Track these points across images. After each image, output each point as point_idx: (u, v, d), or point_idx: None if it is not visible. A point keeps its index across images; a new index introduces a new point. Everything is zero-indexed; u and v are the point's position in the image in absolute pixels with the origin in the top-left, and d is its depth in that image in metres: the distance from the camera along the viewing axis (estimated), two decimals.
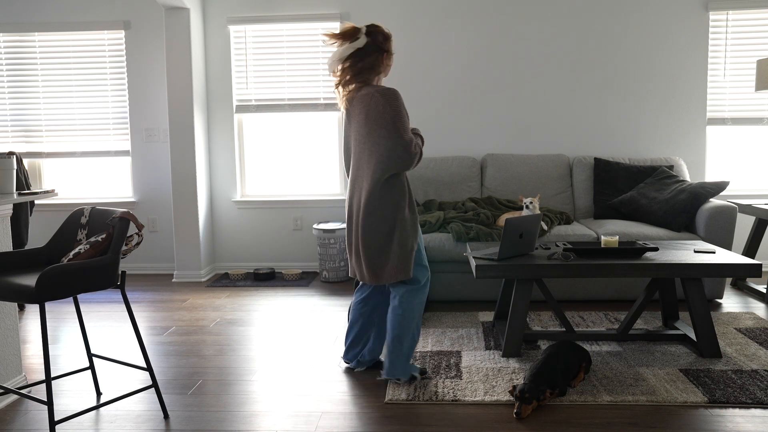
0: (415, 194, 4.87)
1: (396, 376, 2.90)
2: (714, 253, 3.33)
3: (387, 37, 2.81)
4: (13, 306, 2.86)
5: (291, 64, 5.34)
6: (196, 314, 4.19)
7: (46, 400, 2.24)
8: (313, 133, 5.44)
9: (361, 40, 2.75)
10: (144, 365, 2.98)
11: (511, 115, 5.22)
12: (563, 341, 2.94)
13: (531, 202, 4.23)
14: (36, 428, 2.54)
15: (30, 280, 2.30)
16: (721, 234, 4.09)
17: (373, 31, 2.79)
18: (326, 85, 5.34)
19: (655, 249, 3.19)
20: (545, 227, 4.19)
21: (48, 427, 2.54)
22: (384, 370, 2.92)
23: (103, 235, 2.46)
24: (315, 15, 5.23)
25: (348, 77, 2.79)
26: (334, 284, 4.97)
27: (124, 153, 5.50)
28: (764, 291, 4.27)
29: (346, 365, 3.15)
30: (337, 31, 2.80)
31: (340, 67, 2.80)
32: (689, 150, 5.16)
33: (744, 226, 5.22)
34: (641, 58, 5.11)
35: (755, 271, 3.08)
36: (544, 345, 3.37)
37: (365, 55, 2.77)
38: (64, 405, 2.76)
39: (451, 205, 4.63)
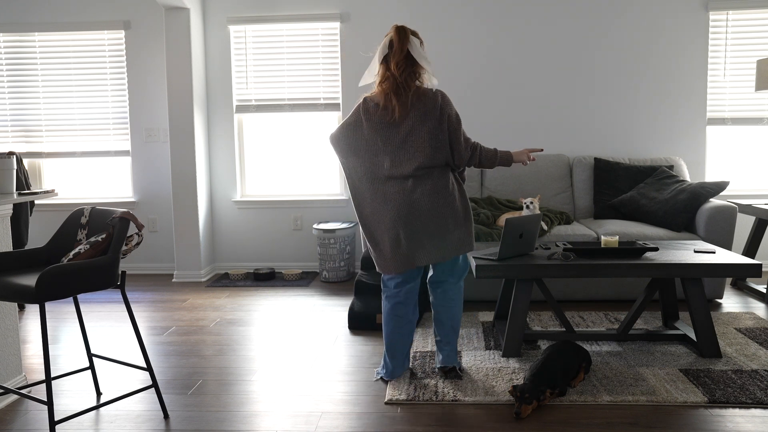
0: None
1: (455, 363, 2.96)
2: (714, 253, 3.33)
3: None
4: (13, 306, 2.86)
5: (291, 64, 5.34)
6: (196, 314, 4.19)
7: (46, 400, 2.24)
8: (314, 133, 5.44)
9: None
10: (144, 365, 2.98)
11: (511, 115, 5.22)
12: (563, 341, 2.94)
13: (531, 202, 4.23)
14: (36, 428, 2.54)
15: (30, 280, 2.30)
16: (721, 234, 4.09)
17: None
18: (326, 85, 5.34)
19: (655, 249, 3.19)
20: (545, 227, 4.19)
21: (48, 427, 2.54)
22: (446, 360, 2.95)
23: (103, 235, 2.46)
24: (315, 15, 5.23)
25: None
26: (334, 284, 4.97)
27: (124, 153, 5.50)
28: (764, 291, 4.27)
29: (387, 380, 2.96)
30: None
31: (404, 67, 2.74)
32: (689, 150, 5.16)
33: (744, 226, 5.22)
34: (641, 58, 5.11)
35: (755, 271, 3.08)
36: (544, 345, 3.37)
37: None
38: (64, 405, 2.76)
39: None
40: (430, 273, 2.97)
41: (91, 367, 2.82)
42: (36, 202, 5.43)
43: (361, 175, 2.80)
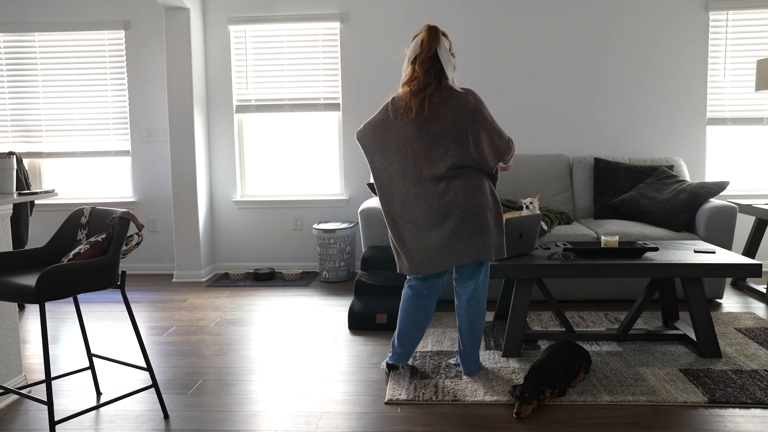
0: None
1: (477, 371, 2.97)
2: (714, 253, 3.33)
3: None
4: (13, 306, 2.86)
5: (291, 64, 5.34)
6: (196, 314, 4.19)
7: (46, 400, 2.24)
8: (313, 133, 5.44)
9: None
10: (144, 365, 2.98)
11: (511, 115, 5.22)
12: (563, 341, 2.94)
13: (531, 203, 4.22)
14: (36, 428, 2.54)
15: (30, 280, 2.30)
16: (721, 234, 4.09)
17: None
18: (326, 85, 5.34)
19: (655, 249, 3.19)
20: (545, 227, 4.19)
21: (48, 427, 2.54)
22: (469, 371, 2.95)
23: (103, 235, 2.46)
24: (315, 15, 5.23)
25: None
26: (334, 284, 4.97)
27: (124, 153, 5.50)
28: (764, 291, 4.27)
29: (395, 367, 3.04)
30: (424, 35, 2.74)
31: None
32: (689, 150, 5.16)
33: (744, 226, 5.22)
34: (641, 58, 5.11)
35: (755, 271, 3.08)
36: (544, 345, 3.37)
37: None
38: (64, 405, 2.76)
39: None
40: (455, 276, 2.93)
41: (91, 367, 2.82)
42: (36, 202, 5.43)
43: (392, 174, 2.78)
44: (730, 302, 4.21)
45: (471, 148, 2.71)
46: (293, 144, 5.46)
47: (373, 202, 4.48)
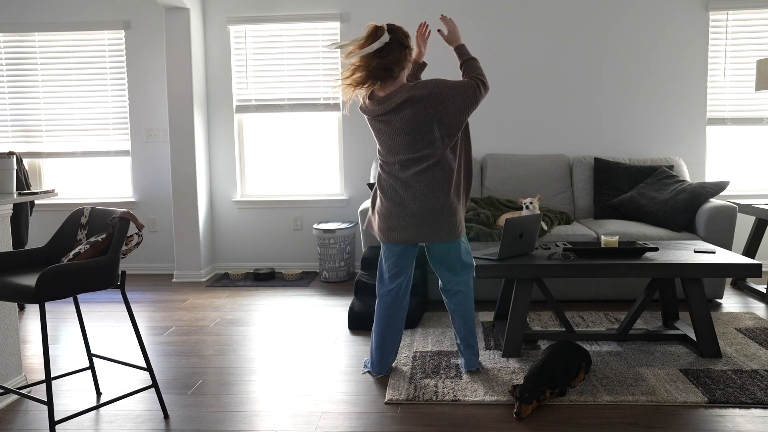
0: None
1: (477, 366, 3.01)
2: (714, 253, 3.33)
3: (406, 35, 2.85)
4: (13, 306, 2.86)
5: (291, 64, 5.34)
6: (196, 314, 4.19)
7: (46, 400, 2.24)
8: (313, 133, 5.44)
9: (385, 37, 2.76)
10: (144, 365, 2.98)
11: (511, 115, 5.22)
12: (563, 341, 2.94)
13: (531, 203, 4.23)
14: (36, 428, 2.54)
15: (30, 280, 2.30)
16: (721, 234, 4.09)
17: (394, 28, 2.81)
18: (326, 85, 5.34)
19: (655, 249, 3.19)
20: (545, 227, 4.19)
21: (48, 427, 2.54)
22: (468, 364, 3.00)
23: (103, 235, 2.46)
24: (315, 15, 5.23)
25: (367, 74, 2.82)
26: (334, 284, 4.97)
27: (124, 153, 5.50)
28: (764, 291, 4.27)
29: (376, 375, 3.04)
30: (362, 38, 2.81)
31: (356, 66, 2.82)
32: (689, 150, 5.16)
33: (744, 226, 5.22)
34: (641, 58, 5.11)
35: (755, 271, 3.08)
36: (544, 345, 3.37)
37: (390, 51, 2.78)
38: (64, 405, 2.76)
39: None
40: (440, 283, 3.02)
41: (91, 367, 2.82)
42: (36, 202, 5.43)
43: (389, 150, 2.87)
44: (730, 302, 4.21)
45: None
46: (293, 144, 5.46)
47: None
